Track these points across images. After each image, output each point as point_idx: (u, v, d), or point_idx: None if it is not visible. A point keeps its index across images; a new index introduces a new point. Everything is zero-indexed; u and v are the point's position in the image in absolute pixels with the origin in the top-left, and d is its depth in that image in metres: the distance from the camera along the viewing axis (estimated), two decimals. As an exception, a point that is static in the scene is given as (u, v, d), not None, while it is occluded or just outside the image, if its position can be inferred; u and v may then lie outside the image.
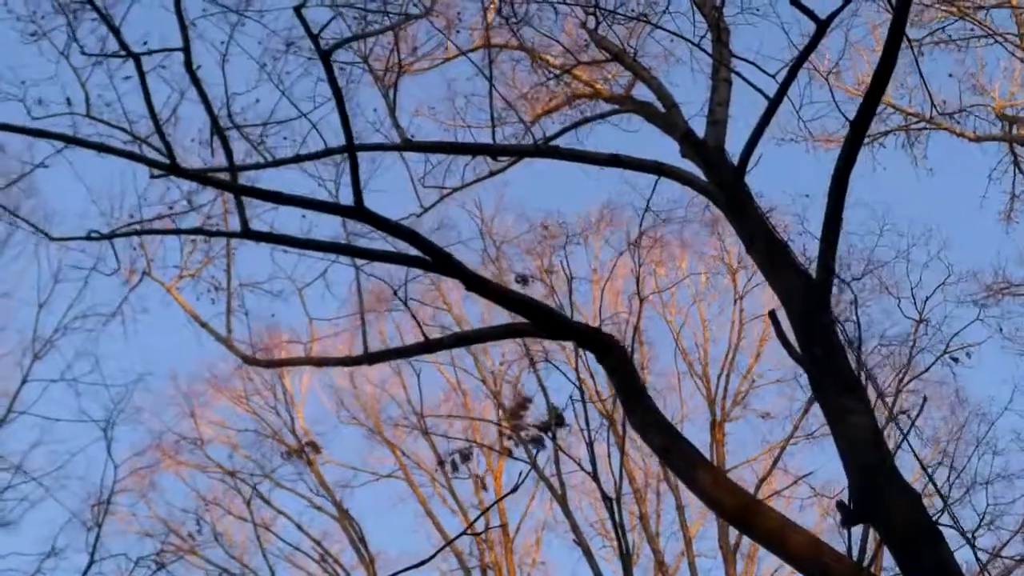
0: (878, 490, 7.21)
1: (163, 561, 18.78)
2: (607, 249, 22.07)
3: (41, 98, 9.60)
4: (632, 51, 12.45)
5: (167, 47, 9.00)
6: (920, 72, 11.53)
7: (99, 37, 9.74)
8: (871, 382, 12.99)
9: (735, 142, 10.39)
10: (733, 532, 19.00)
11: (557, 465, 19.37)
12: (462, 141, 12.83)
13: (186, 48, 8.74)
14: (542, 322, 8.89)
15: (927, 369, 16.75)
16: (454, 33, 13.23)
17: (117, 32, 8.83)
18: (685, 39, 10.97)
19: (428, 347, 9.62)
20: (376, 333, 21.00)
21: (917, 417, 12.86)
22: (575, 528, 19.28)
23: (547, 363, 18.93)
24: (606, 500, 15.90)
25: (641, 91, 12.87)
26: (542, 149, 11.32)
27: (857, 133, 8.01)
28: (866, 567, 12.58)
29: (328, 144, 10.00)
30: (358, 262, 10.49)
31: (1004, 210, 18.20)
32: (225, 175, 9.32)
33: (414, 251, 8.70)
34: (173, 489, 22.41)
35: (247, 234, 9.16)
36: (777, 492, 20.36)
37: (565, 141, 12.68)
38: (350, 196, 8.32)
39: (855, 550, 12.82)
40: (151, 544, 20.37)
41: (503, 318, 9.19)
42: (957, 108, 17.35)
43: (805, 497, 19.53)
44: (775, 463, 20.47)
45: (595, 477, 16.05)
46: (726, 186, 9.76)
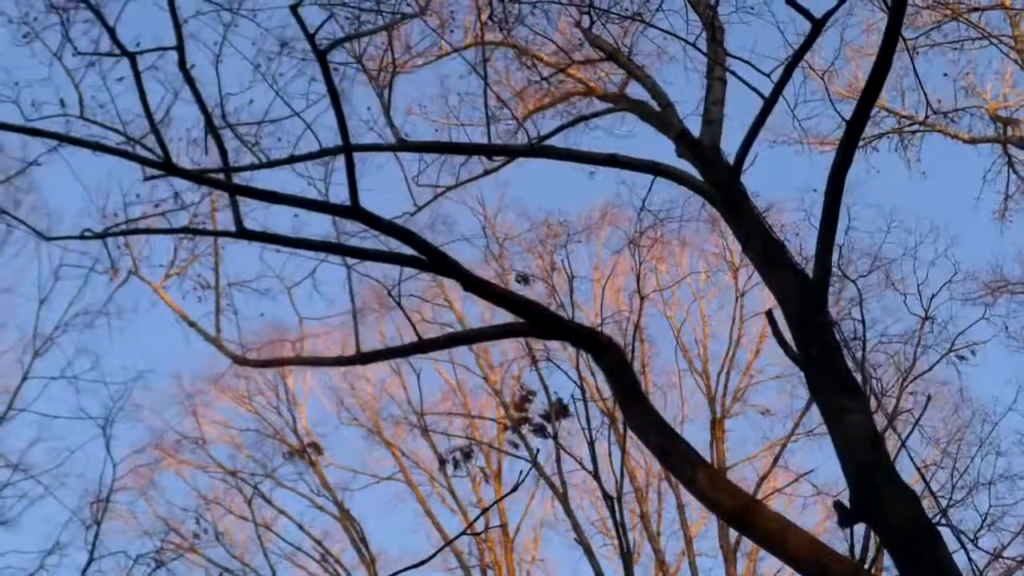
0: (876, 490, 7.19)
1: (162, 559, 18.80)
2: (609, 247, 22.10)
3: (35, 100, 9.57)
4: (627, 50, 12.42)
5: (161, 46, 8.99)
6: (916, 72, 11.48)
7: (92, 39, 9.72)
8: (869, 382, 12.94)
9: (729, 141, 10.40)
10: (734, 531, 18.96)
11: (558, 463, 19.35)
12: (457, 141, 12.78)
13: (180, 47, 8.72)
14: (538, 322, 8.87)
15: (932, 367, 16.74)
16: (447, 32, 13.20)
17: (112, 31, 8.80)
18: (680, 38, 10.95)
19: (422, 347, 9.60)
20: (376, 334, 21.05)
21: (920, 417, 12.84)
22: (576, 527, 19.25)
23: (548, 361, 18.94)
24: (607, 499, 15.88)
25: (635, 90, 12.86)
26: (538, 149, 11.30)
27: (853, 133, 7.98)
28: (866, 568, 12.58)
29: (323, 144, 9.97)
30: (351, 262, 10.46)
31: (998, 210, 18.31)
32: (219, 175, 9.31)
33: (410, 251, 8.69)
34: (174, 488, 22.49)
35: (242, 233, 9.16)
36: (778, 490, 20.35)
37: (560, 140, 12.68)
38: (341, 195, 8.29)
39: (857, 550, 12.81)
40: (152, 543, 20.43)
41: (504, 316, 9.14)
42: (951, 109, 17.35)
43: (808, 495, 19.58)
44: (775, 461, 20.45)
45: (596, 476, 16.04)
46: (722, 186, 9.73)
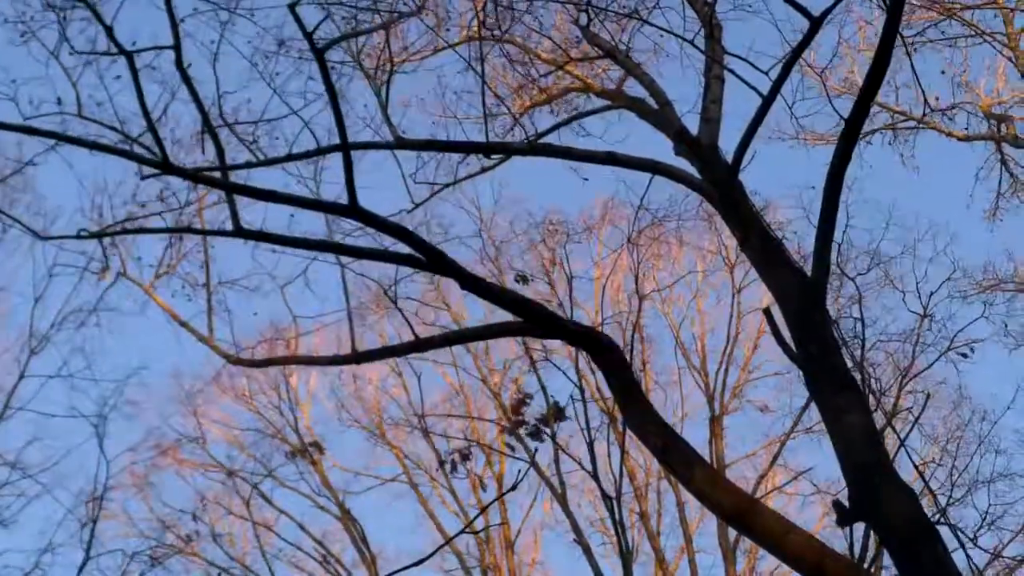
0: (875, 489, 7.18)
1: (157, 556, 18.80)
2: (609, 245, 22.09)
3: (32, 98, 9.54)
4: (624, 47, 12.41)
5: (158, 45, 8.97)
6: (914, 70, 11.50)
7: (88, 37, 9.70)
8: (868, 382, 12.93)
9: (726, 138, 10.39)
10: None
11: (557, 464, 19.35)
12: (455, 139, 12.77)
13: (177, 46, 8.70)
14: (536, 321, 8.85)
15: (931, 365, 16.74)
16: (444, 30, 13.18)
17: (110, 30, 8.78)
18: (678, 36, 10.92)
19: (418, 346, 9.57)
20: (376, 335, 21.03)
21: (919, 416, 12.82)
22: (575, 527, 19.26)
23: (547, 362, 18.91)
24: (606, 499, 15.85)
25: (634, 89, 12.84)
26: (536, 147, 11.29)
27: (852, 130, 7.97)
28: (865, 567, 12.57)
29: (320, 142, 9.96)
30: (345, 260, 10.44)
31: (990, 208, 18.32)
32: (216, 173, 9.29)
33: (408, 249, 8.66)
34: (173, 487, 22.48)
35: (239, 233, 9.14)
36: (777, 488, 20.35)
37: (558, 138, 12.67)
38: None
39: (856, 549, 12.79)
40: (149, 542, 20.42)
41: (505, 318, 9.11)
42: (946, 106, 17.38)
43: (808, 494, 19.56)
44: (775, 459, 20.45)
45: (595, 476, 16.00)
46: (720, 184, 9.72)
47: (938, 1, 15.84)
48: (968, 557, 9.18)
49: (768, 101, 8.73)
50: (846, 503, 7.43)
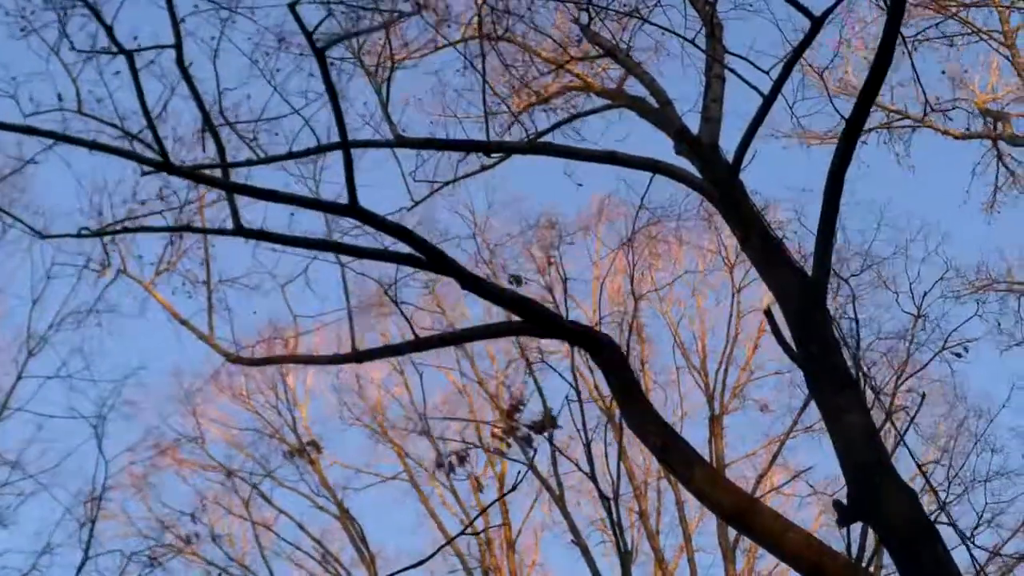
0: (875, 489, 7.19)
1: (156, 556, 18.78)
2: (607, 244, 22.07)
3: (32, 95, 9.53)
4: (625, 46, 12.41)
5: (159, 44, 8.96)
6: (914, 69, 11.49)
7: (89, 34, 9.66)
8: (865, 381, 12.93)
9: (726, 137, 10.38)
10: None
11: (555, 466, 19.34)
12: (454, 137, 12.75)
13: (178, 45, 8.69)
14: (535, 320, 8.86)
15: (925, 365, 16.74)
16: (444, 28, 13.17)
17: (110, 29, 8.77)
18: (679, 35, 10.93)
19: (418, 345, 9.58)
20: (377, 335, 21.00)
21: (916, 414, 12.83)
22: (573, 528, 19.25)
23: (543, 363, 18.90)
24: (604, 500, 15.87)
25: (634, 88, 12.83)
26: (537, 146, 11.29)
27: (852, 130, 7.97)
28: (863, 566, 12.58)
29: (320, 140, 9.95)
30: (345, 259, 10.43)
31: (986, 202, 18.36)
32: (216, 171, 9.28)
33: (408, 249, 8.66)
34: (172, 487, 22.45)
35: (240, 231, 9.13)
36: (775, 488, 20.35)
37: (558, 136, 12.67)
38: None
39: (855, 548, 12.80)
40: (148, 542, 20.39)
41: (503, 317, 9.12)
42: (944, 105, 17.40)
43: (806, 494, 19.58)
44: (774, 458, 20.44)
45: (593, 478, 15.99)
46: (721, 183, 9.72)
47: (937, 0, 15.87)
48: (972, 556, 9.20)
49: (769, 100, 8.75)
50: (845, 503, 7.44)
